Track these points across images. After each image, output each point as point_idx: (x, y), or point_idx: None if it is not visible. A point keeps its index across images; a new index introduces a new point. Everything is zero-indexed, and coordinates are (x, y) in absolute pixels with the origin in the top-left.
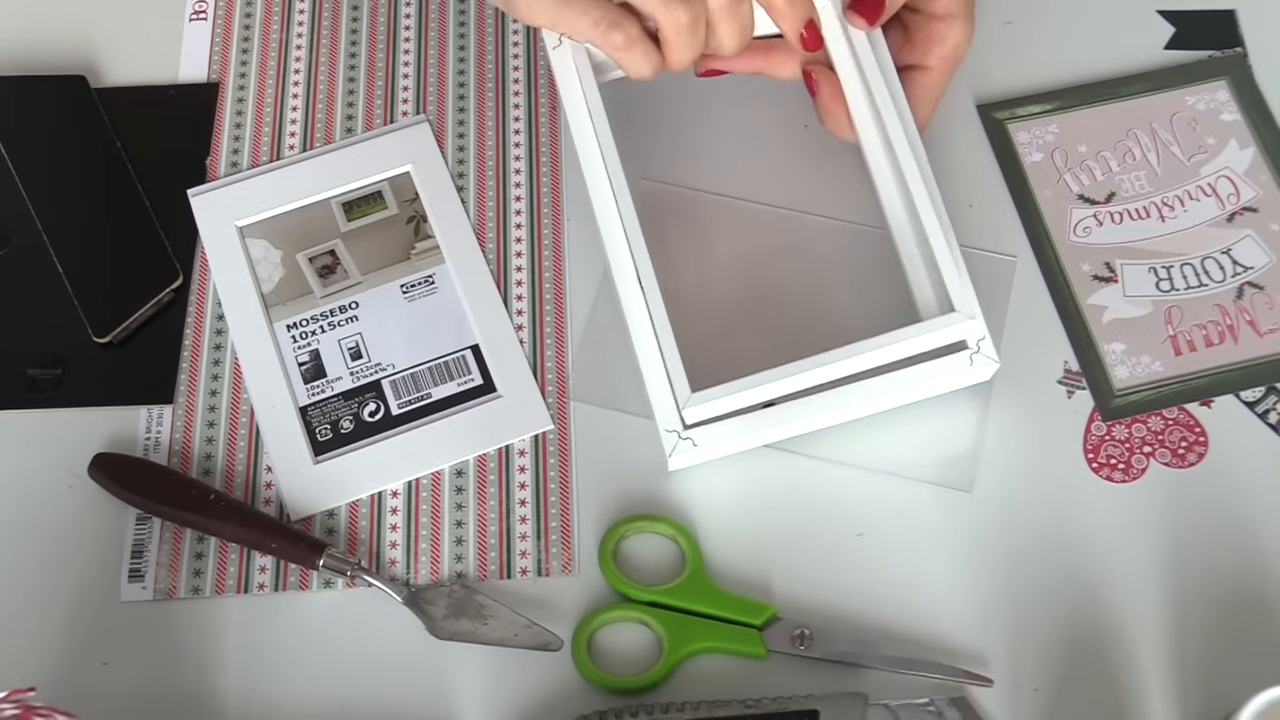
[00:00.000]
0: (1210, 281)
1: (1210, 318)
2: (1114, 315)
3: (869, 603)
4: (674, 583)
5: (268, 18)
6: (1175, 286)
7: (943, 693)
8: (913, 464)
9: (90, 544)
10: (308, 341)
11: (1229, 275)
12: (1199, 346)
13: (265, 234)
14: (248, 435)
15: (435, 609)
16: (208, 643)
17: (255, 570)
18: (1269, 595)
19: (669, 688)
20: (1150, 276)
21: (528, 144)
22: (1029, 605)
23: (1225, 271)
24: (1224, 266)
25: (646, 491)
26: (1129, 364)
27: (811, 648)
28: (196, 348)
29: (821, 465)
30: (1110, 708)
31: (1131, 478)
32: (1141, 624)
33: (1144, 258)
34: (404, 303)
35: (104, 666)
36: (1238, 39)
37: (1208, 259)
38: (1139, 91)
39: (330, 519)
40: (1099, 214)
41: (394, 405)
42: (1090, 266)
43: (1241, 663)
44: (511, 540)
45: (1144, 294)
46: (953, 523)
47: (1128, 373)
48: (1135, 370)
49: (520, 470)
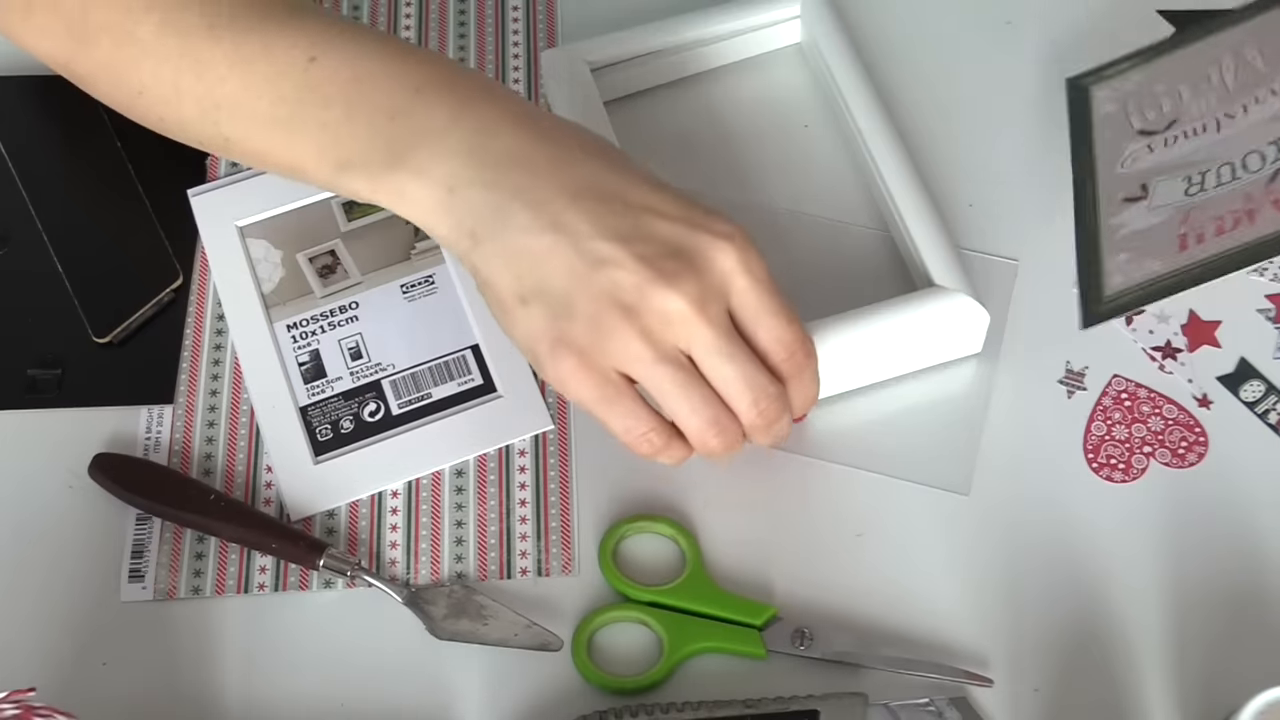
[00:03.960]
0: (1246, 173)
1: (1231, 207)
2: (1130, 229)
3: (869, 603)
4: (674, 583)
5: None
6: (1205, 188)
7: (943, 693)
8: (911, 465)
9: (90, 544)
10: (308, 341)
11: (1269, 162)
12: (1208, 237)
13: (265, 234)
14: (248, 435)
15: (435, 609)
16: (208, 643)
17: (255, 570)
18: (1269, 595)
19: (669, 688)
20: (1181, 185)
21: None
22: (1029, 605)
23: (1266, 160)
24: (1266, 156)
25: (646, 491)
26: (1127, 272)
27: (811, 648)
28: (196, 348)
29: (821, 465)
30: (1110, 708)
31: (1131, 478)
32: (1141, 624)
33: (1182, 169)
34: (404, 303)
35: (104, 666)
36: None
37: (1250, 154)
38: (1230, 23)
39: (330, 519)
40: (1153, 143)
41: (394, 405)
42: (1125, 191)
43: (1241, 663)
44: (511, 540)
45: (1169, 203)
46: (953, 522)
47: (1123, 279)
48: (1131, 276)
49: (520, 470)
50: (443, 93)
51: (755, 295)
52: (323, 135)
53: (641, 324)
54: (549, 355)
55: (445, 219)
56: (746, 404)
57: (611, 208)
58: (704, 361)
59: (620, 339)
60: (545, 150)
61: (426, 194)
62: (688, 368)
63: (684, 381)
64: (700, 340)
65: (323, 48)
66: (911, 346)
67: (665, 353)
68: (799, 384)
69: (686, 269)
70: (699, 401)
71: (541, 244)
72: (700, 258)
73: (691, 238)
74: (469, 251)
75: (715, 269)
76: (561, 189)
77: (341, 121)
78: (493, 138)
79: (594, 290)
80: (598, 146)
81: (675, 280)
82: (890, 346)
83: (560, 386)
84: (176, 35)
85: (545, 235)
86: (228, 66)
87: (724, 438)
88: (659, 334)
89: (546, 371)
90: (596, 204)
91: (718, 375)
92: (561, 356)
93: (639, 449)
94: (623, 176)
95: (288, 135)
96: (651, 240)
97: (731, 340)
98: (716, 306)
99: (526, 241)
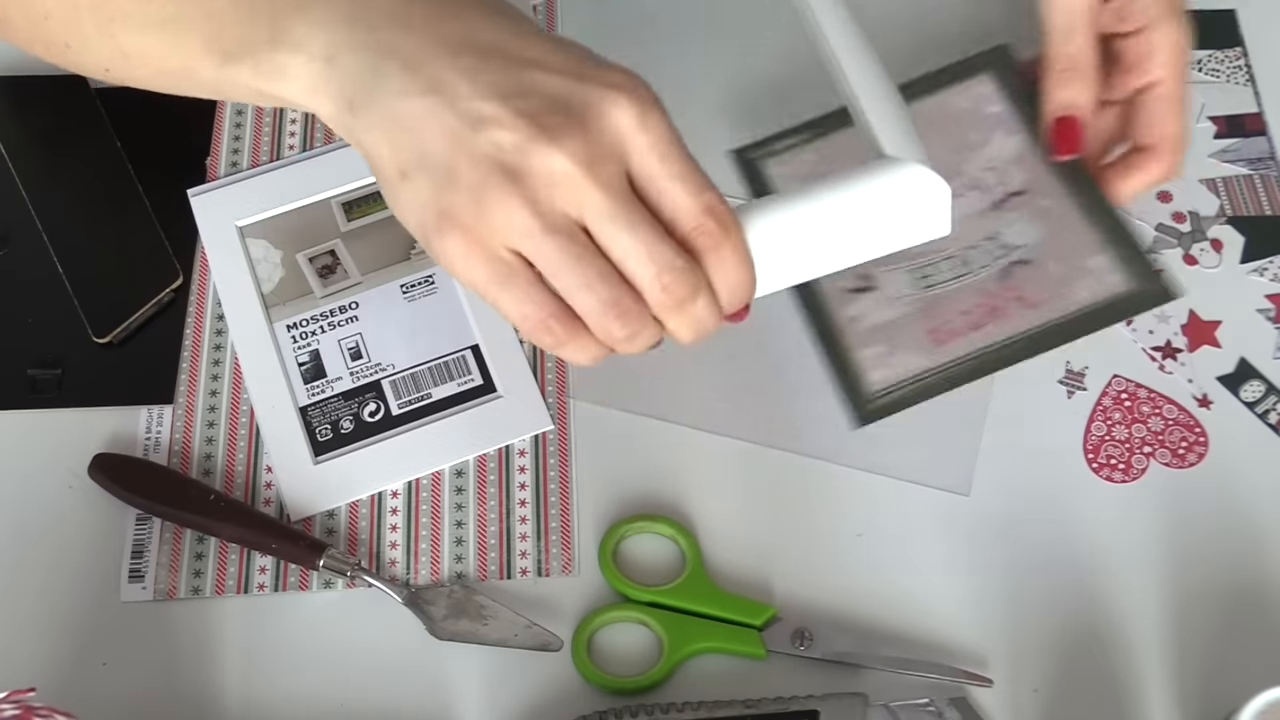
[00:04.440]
0: (975, 268)
1: (975, 302)
2: (871, 321)
3: (869, 603)
4: (674, 583)
5: None
6: (939, 281)
7: (943, 693)
8: (911, 467)
9: (90, 544)
10: (308, 341)
11: (994, 259)
12: (964, 332)
13: (265, 234)
14: (248, 435)
15: (435, 609)
16: (208, 643)
17: (255, 570)
18: (1269, 595)
19: (669, 688)
20: (909, 276)
21: None
22: (1029, 605)
23: (990, 255)
24: (989, 251)
25: (646, 491)
26: (888, 365)
27: (811, 648)
28: (196, 348)
29: (821, 465)
30: (1110, 708)
31: (1131, 478)
32: (1141, 624)
33: (903, 260)
34: (404, 303)
35: (104, 666)
36: (1238, 39)
37: (970, 248)
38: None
39: (330, 519)
40: None
41: (394, 405)
42: (847, 282)
43: (1241, 663)
44: (511, 540)
45: (904, 295)
46: (953, 522)
47: (887, 373)
48: (895, 370)
49: (520, 470)
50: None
51: (656, 155)
52: (208, 25)
53: (526, 189)
54: (435, 232)
55: (326, 92)
56: (650, 278)
57: (493, 63)
58: (598, 230)
59: (505, 209)
60: (424, 5)
61: (306, 69)
62: (580, 238)
63: (576, 255)
64: (591, 205)
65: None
66: (862, 229)
67: (554, 223)
68: (717, 260)
69: (573, 123)
70: (594, 278)
71: (418, 108)
72: (590, 111)
73: (580, 90)
74: (350, 125)
75: (607, 125)
76: (440, 45)
77: (226, 9)
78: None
79: (475, 154)
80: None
81: (559, 136)
82: (836, 229)
83: (449, 267)
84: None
85: (422, 98)
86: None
87: (626, 321)
88: (545, 200)
89: (434, 251)
90: (477, 60)
91: (614, 246)
92: (447, 232)
93: (539, 339)
94: (509, 28)
95: (175, 35)
96: (535, 94)
97: (629, 205)
98: (611, 168)
99: (403, 106)
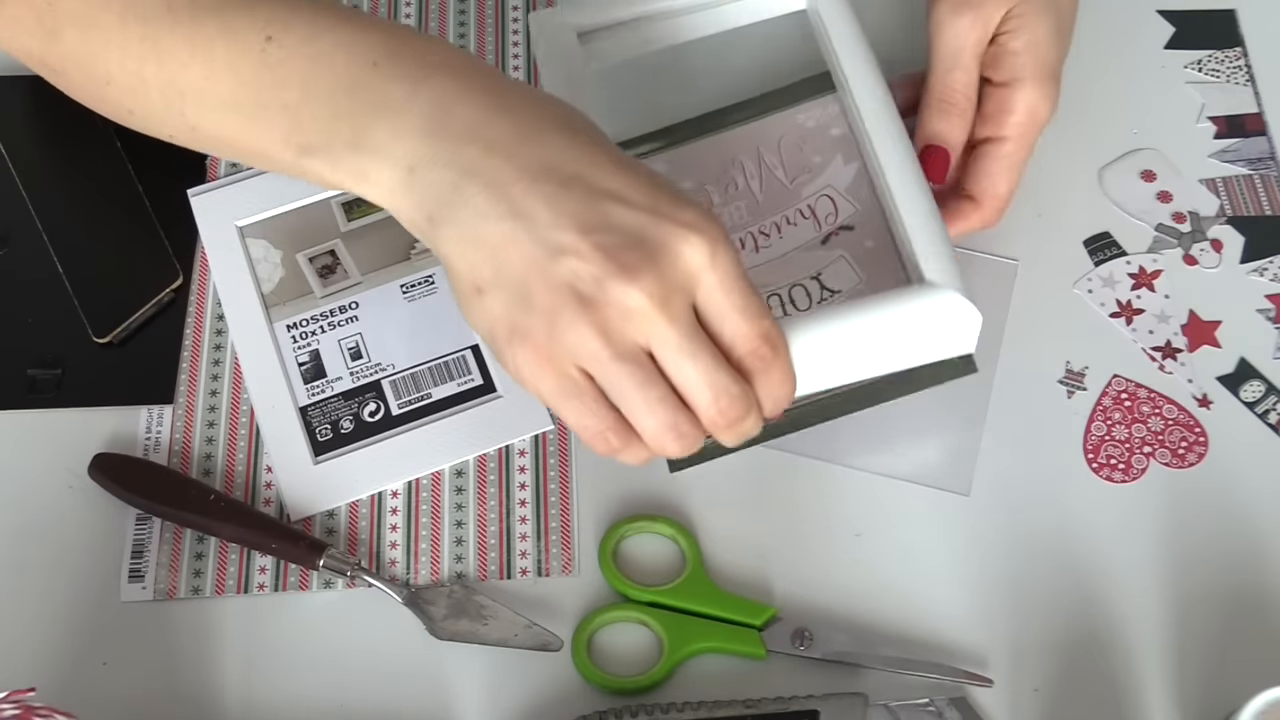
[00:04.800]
0: (795, 310)
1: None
2: None
3: (869, 603)
4: (674, 583)
5: None
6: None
7: (943, 693)
8: (911, 467)
9: (90, 544)
10: (308, 341)
11: (815, 302)
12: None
13: (265, 234)
14: (248, 435)
15: (435, 609)
16: (208, 643)
17: (255, 570)
18: (1269, 595)
19: (669, 688)
20: None
21: None
22: (1029, 605)
23: (812, 298)
24: (811, 293)
25: (646, 491)
26: None
27: (811, 648)
28: (196, 348)
29: (821, 465)
30: (1110, 708)
31: (1131, 478)
32: (1141, 624)
33: None
34: (404, 303)
35: (104, 666)
36: (1238, 39)
37: (795, 287)
38: (749, 117)
39: (330, 519)
40: None
41: (394, 405)
42: None
43: (1241, 663)
44: (511, 540)
45: None
46: (953, 522)
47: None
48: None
49: (520, 470)
50: (400, 65)
51: (722, 291)
52: (284, 118)
53: (599, 318)
54: (506, 344)
55: (406, 200)
56: (706, 402)
57: (573, 192)
58: (663, 358)
59: (577, 334)
60: (506, 125)
61: (387, 175)
62: (646, 365)
63: (641, 381)
64: (660, 336)
65: (279, 26)
66: (897, 345)
67: (623, 350)
68: (766, 381)
69: (648, 262)
70: (655, 403)
71: (498, 232)
72: (664, 250)
73: (656, 228)
74: (428, 235)
75: (680, 263)
76: (521, 170)
77: (301, 103)
78: (452, 112)
79: (552, 280)
80: (563, 120)
81: (636, 274)
82: (874, 344)
83: (517, 377)
84: (138, 21)
85: (503, 222)
86: (189, 51)
87: (682, 441)
88: (617, 329)
89: (503, 360)
90: (557, 188)
91: (678, 374)
92: (518, 347)
93: (595, 447)
94: (587, 156)
95: (251, 121)
96: (613, 229)
97: (693, 338)
98: (679, 302)
99: (483, 228)
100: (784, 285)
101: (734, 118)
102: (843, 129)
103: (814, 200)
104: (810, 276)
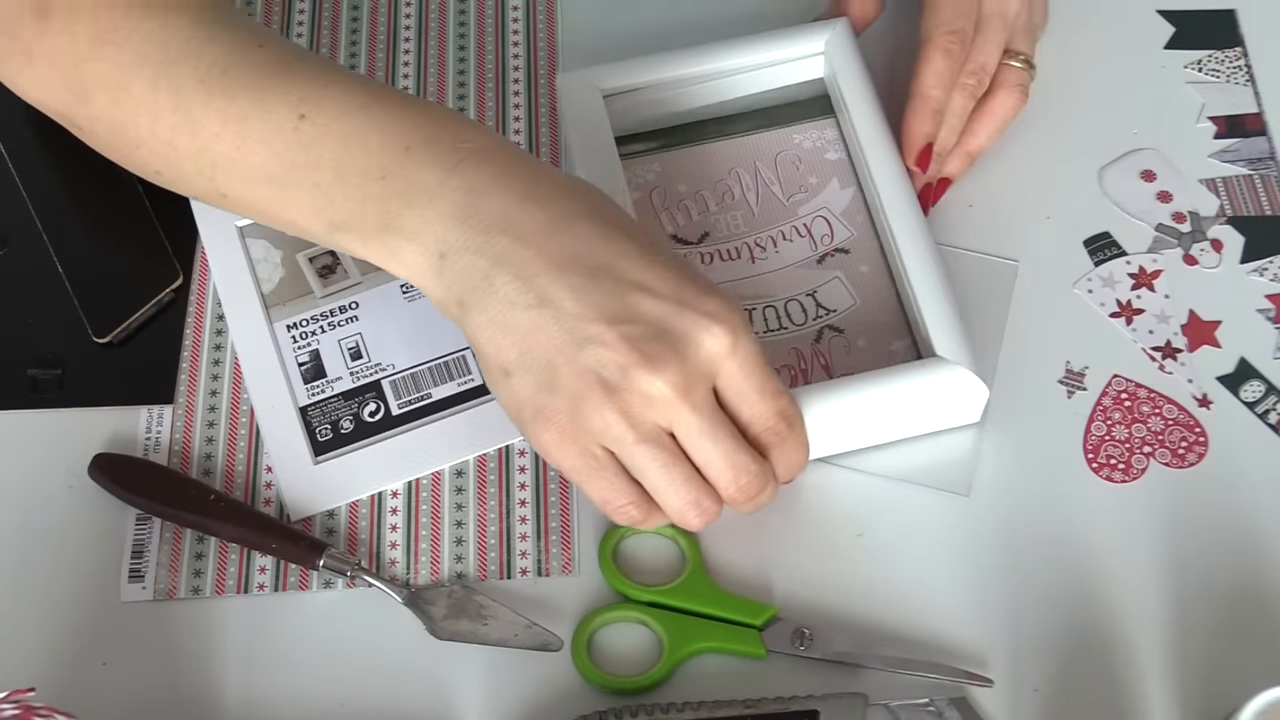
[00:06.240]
0: (791, 325)
1: (785, 360)
2: None
3: (869, 603)
4: (674, 583)
5: (268, 18)
6: (756, 330)
7: (943, 693)
8: (911, 467)
9: (90, 544)
10: (308, 341)
11: (811, 318)
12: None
13: (265, 234)
14: (248, 435)
15: (435, 609)
16: (208, 643)
17: (255, 570)
18: (1269, 595)
19: (669, 688)
20: None
21: (527, 143)
22: (1029, 605)
23: (808, 314)
24: (807, 309)
25: None
26: None
27: (811, 648)
28: (196, 348)
29: (821, 466)
30: (1110, 708)
31: (1131, 478)
32: (1141, 624)
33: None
34: (404, 303)
35: (104, 666)
36: (1238, 39)
37: (791, 301)
38: (746, 130)
39: (330, 519)
40: (689, 254)
41: (394, 405)
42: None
43: (1241, 663)
44: (511, 540)
45: None
46: (953, 522)
47: None
48: None
49: (520, 470)
50: (433, 150)
51: (742, 375)
52: (315, 195)
53: (623, 404)
54: (531, 423)
55: (437, 284)
56: (727, 480)
57: (600, 284)
58: (686, 441)
59: (601, 418)
60: (537, 215)
61: (419, 259)
62: (669, 447)
63: (665, 462)
64: (682, 422)
65: (311, 104)
66: (906, 415)
67: (646, 433)
68: (782, 453)
69: (672, 352)
70: (679, 482)
71: (527, 320)
72: (688, 341)
73: (680, 318)
74: (458, 318)
75: (702, 352)
76: (550, 261)
77: (333, 183)
78: (484, 200)
79: (578, 367)
80: (594, 208)
81: (660, 364)
82: (884, 415)
83: (542, 454)
84: (170, 91)
85: (531, 310)
86: (221, 123)
87: (704, 516)
88: (640, 415)
89: (528, 435)
90: (585, 279)
91: (699, 455)
92: (543, 427)
93: (617, 519)
94: (616, 246)
95: (282, 194)
96: (639, 320)
97: (714, 422)
98: (701, 389)
99: (512, 315)
100: (780, 299)
101: (731, 129)
102: (839, 154)
103: (810, 220)
104: (806, 293)
